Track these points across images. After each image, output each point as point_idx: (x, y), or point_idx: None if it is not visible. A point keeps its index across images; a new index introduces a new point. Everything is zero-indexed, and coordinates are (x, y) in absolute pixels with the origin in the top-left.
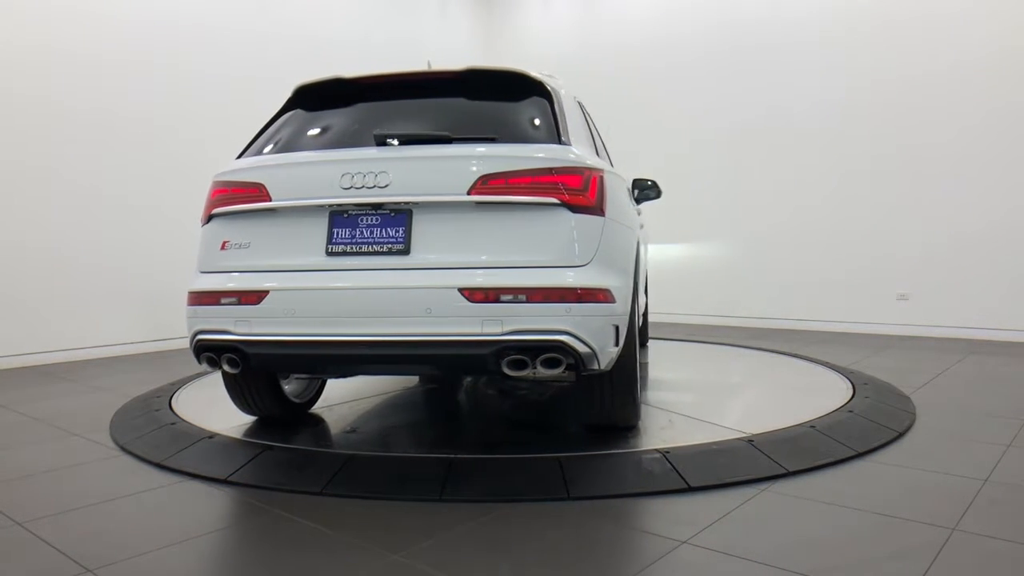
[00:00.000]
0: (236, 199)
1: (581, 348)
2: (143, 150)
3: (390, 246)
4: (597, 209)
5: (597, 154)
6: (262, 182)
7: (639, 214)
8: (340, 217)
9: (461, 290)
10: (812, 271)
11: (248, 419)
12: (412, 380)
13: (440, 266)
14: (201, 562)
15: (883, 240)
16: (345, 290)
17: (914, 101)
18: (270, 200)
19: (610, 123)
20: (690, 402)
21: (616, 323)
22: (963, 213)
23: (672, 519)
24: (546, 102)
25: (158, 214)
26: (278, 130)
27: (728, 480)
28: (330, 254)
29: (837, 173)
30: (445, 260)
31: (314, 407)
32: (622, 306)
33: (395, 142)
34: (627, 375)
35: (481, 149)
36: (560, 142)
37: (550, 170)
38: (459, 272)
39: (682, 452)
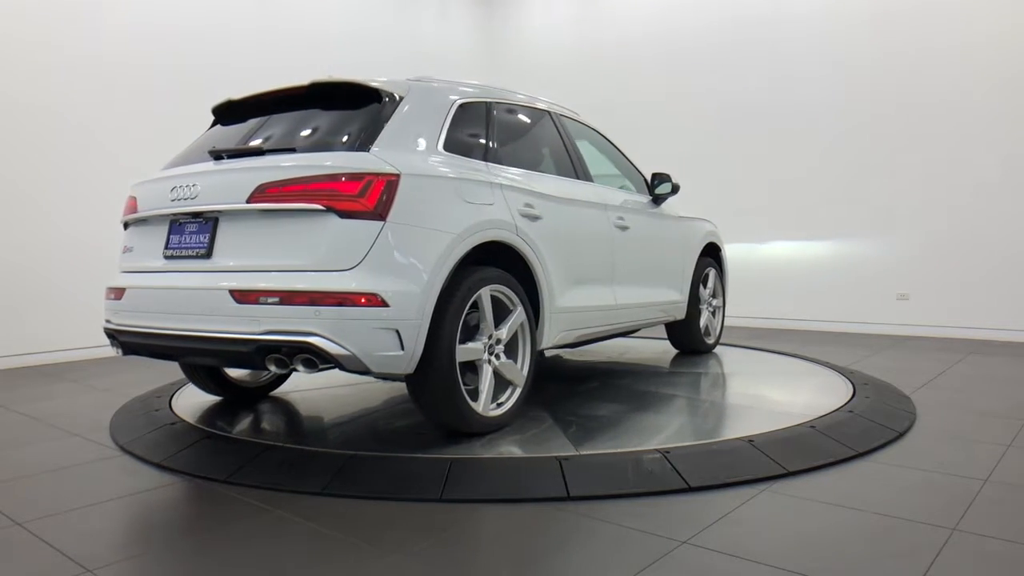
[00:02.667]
0: (128, 210)
1: (334, 350)
2: (144, 148)
3: (197, 251)
4: (375, 214)
5: (486, 158)
6: (136, 195)
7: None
8: (176, 225)
9: (231, 292)
10: (812, 271)
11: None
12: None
13: (225, 269)
14: (201, 562)
15: (883, 240)
16: (166, 289)
17: (914, 100)
18: (137, 211)
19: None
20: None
21: (396, 327)
22: (963, 213)
23: (672, 519)
24: (379, 109)
25: None
26: (189, 147)
27: (728, 480)
28: (165, 257)
29: (837, 172)
30: (230, 264)
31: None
32: (405, 311)
33: (225, 156)
34: (440, 381)
35: (262, 161)
36: (357, 149)
37: (320, 177)
38: (235, 275)
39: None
